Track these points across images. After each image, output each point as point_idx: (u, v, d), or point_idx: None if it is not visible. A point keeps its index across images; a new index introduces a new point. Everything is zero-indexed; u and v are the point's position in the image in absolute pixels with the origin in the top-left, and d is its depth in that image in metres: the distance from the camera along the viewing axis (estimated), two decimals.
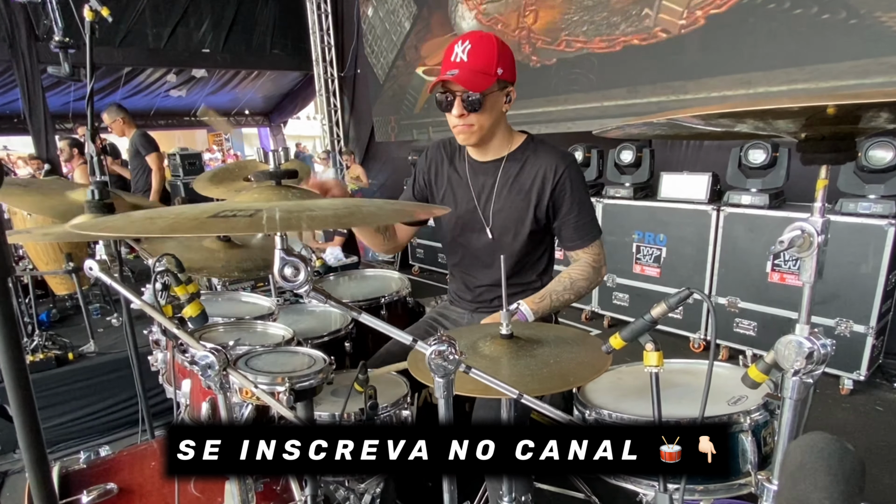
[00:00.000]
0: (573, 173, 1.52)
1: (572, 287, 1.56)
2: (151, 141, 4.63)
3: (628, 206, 3.75)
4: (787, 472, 0.67)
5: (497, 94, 1.47)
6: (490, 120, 1.48)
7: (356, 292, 2.13)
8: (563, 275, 1.58)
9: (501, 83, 1.46)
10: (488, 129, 1.51)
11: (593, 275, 1.58)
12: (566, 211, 1.55)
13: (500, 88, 1.47)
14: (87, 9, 1.78)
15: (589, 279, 1.57)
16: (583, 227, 1.56)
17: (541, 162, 1.53)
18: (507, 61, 1.45)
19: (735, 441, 1.04)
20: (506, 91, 1.49)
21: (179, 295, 1.15)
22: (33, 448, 0.61)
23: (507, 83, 1.48)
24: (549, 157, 1.53)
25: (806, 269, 0.80)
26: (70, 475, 1.31)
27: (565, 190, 1.52)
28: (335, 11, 7.96)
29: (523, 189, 1.55)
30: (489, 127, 1.50)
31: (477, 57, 1.41)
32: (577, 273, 1.57)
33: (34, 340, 2.62)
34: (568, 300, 1.56)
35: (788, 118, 0.72)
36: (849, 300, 2.79)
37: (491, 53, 1.42)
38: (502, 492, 1.21)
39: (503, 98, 1.49)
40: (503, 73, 1.43)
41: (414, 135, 6.90)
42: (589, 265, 1.57)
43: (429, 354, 0.82)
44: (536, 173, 1.53)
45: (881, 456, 2.35)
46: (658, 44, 4.08)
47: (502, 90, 1.48)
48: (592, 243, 1.58)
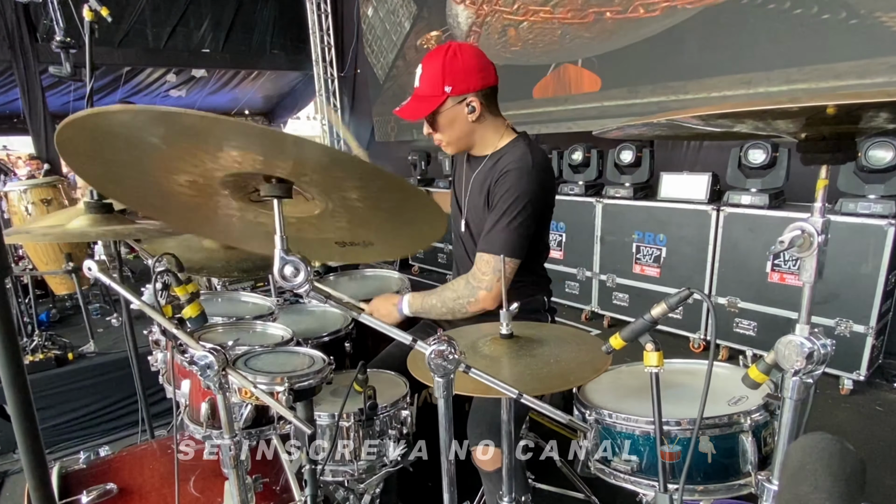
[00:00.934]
0: (517, 177, 1.43)
1: (440, 299, 1.52)
2: None
3: (628, 206, 3.75)
4: (787, 472, 0.67)
5: (452, 109, 1.47)
6: (456, 133, 1.51)
7: (356, 292, 2.13)
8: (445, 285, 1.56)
9: (455, 98, 1.46)
10: (460, 140, 1.54)
11: (463, 290, 1.47)
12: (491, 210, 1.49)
13: (457, 102, 1.47)
14: (87, 9, 1.78)
15: (459, 295, 1.48)
16: (490, 233, 1.46)
17: (504, 158, 1.51)
18: (455, 74, 1.44)
19: (735, 441, 1.04)
20: (465, 102, 1.47)
21: (179, 295, 1.15)
22: (32, 449, 0.61)
23: (461, 96, 1.46)
24: (507, 157, 1.50)
25: (806, 269, 0.80)
26: (70, 475, 1.31)
27: (497, 190, 1.47)
28: (335, 11, 7.95)
29: (484, 186, 1.54)
30: (459, 138, 1.53)
31: (424, 81, 1.47)
32: (451, 287, 1.52)
33: (34, 340, 2.62)
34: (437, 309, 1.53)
35: (788, 118, 0.71)
36: (849, 300, 2.79)
37: (436, 74, 1.44)
38: (502, 492, 1.21)
39: (463, 109, 1.48)
40: (453, 88, 1.44)
41: (414, 135, 6.90)
42: (467, 280, 1.49)
43: (428, 354, 0.82)
44: (497, 169, 1.51)
45: (881, 456, 2.35)
46: (657, 41, 4.08)
47: (459, 103, 1.47)
48: (484, 254, 1.45)
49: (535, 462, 1.97)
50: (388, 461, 1.34)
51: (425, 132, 1.54)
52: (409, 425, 1.37)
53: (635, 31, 4.18)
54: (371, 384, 1.28)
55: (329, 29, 8.02)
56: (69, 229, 1.29)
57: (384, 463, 1.34)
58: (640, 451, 1.08)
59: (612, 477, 1.11)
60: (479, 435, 1.38)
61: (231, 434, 1.05)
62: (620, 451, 1.10)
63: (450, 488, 0.93)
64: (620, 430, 1.10)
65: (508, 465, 1.18)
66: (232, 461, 1.06)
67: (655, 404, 0.90)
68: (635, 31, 4.18)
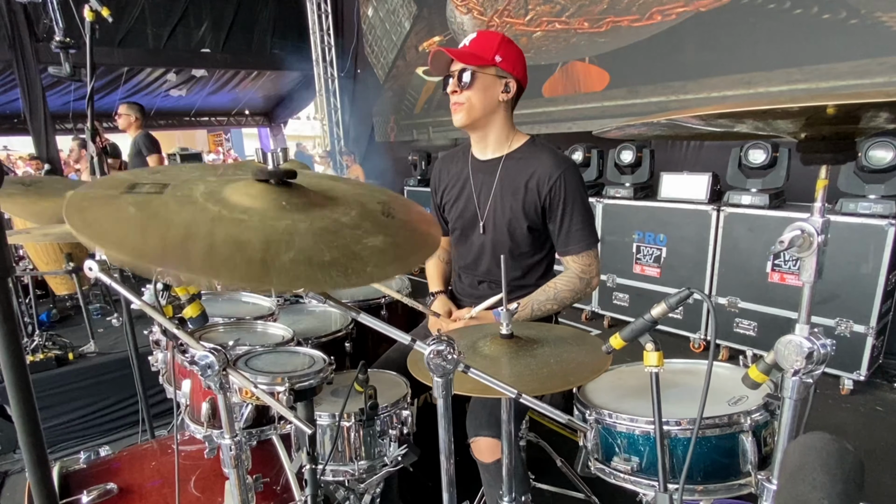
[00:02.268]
0: (569, 179, 1.51)
1: (555, 297, 1.55)
2: (155, 142, 4.64)
3: (628, 206, 3.75)
4: (786, 472, 0.67)
5: (491, 77, 1.50)
6: (481, 101, 1.50)
7: (356, 292, 2.13)
8: (549, 284, 1.57)
9: (499, 70, 1.49)
10: (481, 112, 1.52)
11: (580, 286, 1.56)
12: (559, 216, 1.54)
13: (499, 75, 1.50)
14: (87, 9, 1.78)
15: (574, 290, 1.55)
16: (575, 234, 1.54)
17: (538, 165, 1.53)
18: (509, 53, 1.49)
19: (735, 441, 1.04)
20: (503, 80, 1.51)
21: (180, 295, 1.15)
22: (33, 448, 0.61)
23: (506, 73, 1.50)
24: (546, 161, 1.53)
25: (806, 269, 0.80)
26: (70, 475, 1.31)
27: (559, 195, 1.51)
28: (335, 11, 7.96)
29: (518, 190, 1.55)
30: (481, 109, 1.52)
31: (478, 43, 1.49)
32: (562, 283, 1.56)
33: (34, 340, 2.62)
34: (550, 310, 1.56)
35: (788, 118, 0.71)
36: (849, 300, 2.79)
37: (492, 42, 1.48)
38: (502, 492, 1.21)
39: (499, 85, 1.51)
40: (502, 60, 1.48)
41: (414, 135, 6.90)
42: (576, 275, 1.55)
43: (427, 354, 0.82)
44: (532, 175, 1.54)
45: (881, 456, 2.35)
46: (657, 41, 4.08)
47: (499, 76, 1.50)
48: (583, 252, 1.54)
49: (535, 462, 1.98)
50: (388, 461, 1.34)
51: (449, 89, 1.52)
52: (409, 425, 1.37)
53: (647, 31, 4.18)
54: (371, 384, 1.28)
55: (329, 29, 8.02)
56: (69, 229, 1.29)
57: (384, 463, 1.34)
58: (640, 451, 1.08)
59: (612, 477, 1.12)
60: (477, 427, 1.38)
61: (231, 434, 1.05)
62: (620, 451, 1.10)
63: (450, 488, 0.93)
64: (620, 430, 1.10)
65: (509, 465, 1.18)
66: (232, 461, 1.06)
67: (655, 404, 0.90)
68: (647, 31, 4.18)
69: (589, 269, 1.55)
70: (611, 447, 1.11)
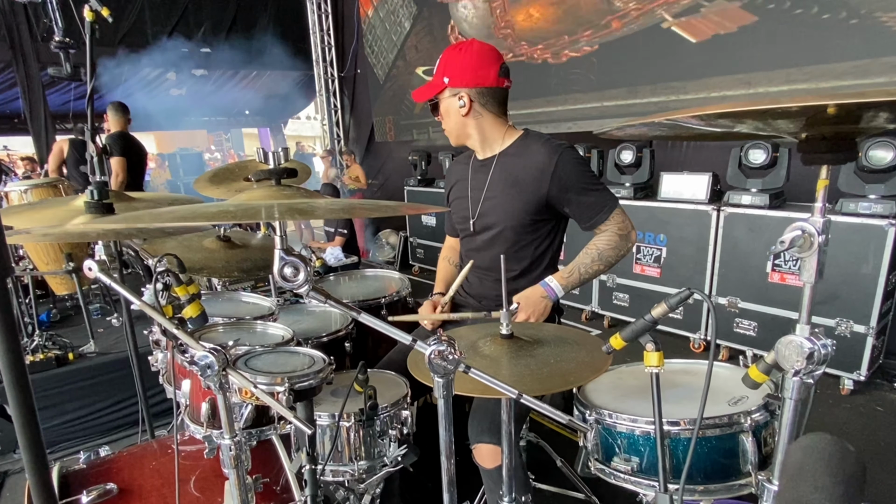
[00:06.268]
0: (568, 161, 1.52)
1: (600, 258, 1.56)
2: (125, 144, 4.42)
3: (628, 206, 3.68)
4: (787, 472, 0.67)
5: (447, 99, 1.57)
6: (450, 123, 1.61)
7: (356, 292, 2.13)
8: (590, 246, 1.58)
9: (451, 90, 1.55)
10: (456, 131, 1.62)
11: (621, 242, 1.56)
12: (571, 199, 1.55)
13: (452, 94, 1.56)
14: (87, 9, 1.78)
15: (617, 247, 1.56)
16: (594, 205, 1.56)
17: (534, 155, 1.55)
18: (454, 69, 1.54)
19: (735, 441, 1.04)
20: (457, 96, 1.55)
21: (180, 295, 1.15)
22: (33, 448, 0.61)
23: (457, 89, 1.55)
24: (541, 150, 1.55)
25: (806, 270, 0.80)
26: (70, 475, 1.31)
27: (565, 179, 1.52)
28: (335, 11, 7.96)
29: (517, 182, 1.57)
30: (455, 128, 1.61)
31: (437, 68, 1.57)
32: (603, 243, 1.56)
33: (34, 341, 2.62)
34: (598, 271, 1.58)
35: (788, 118, 0.71)
36: (849, 300, 2.78)
37: (442, 64, 1.56)
38: (502, 492, 1.21)
39: (456, 102, 1.56)
40: (450, 80, 1.54)
41: (414, 135, 6.90)
42: (614, 234, 1.56)
43: (428, 354, 0.82)
44: (530, 166, 1.55)
45: (881, 456, 2.35)
46: (658, 42, 4.08)
47: (453, 96, 1.55)
48: (611, 214, 1.56)
49: (535, 462, 1.98)
50: (388, 461, 1.34)
51: (436, 118, 1.64)
52: (409, 425, 1.37)
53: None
54: (371, 384, 1.28)
55: (329, 29, 8.02)
56: (69, 229, 1.29)
57: (384, 463, 1.34)
58: (640, 452, 1.08)
59: (612, 477, 1.11)
60: (479, 433, 1.38)
61: (231, 434, 1.05)
62: (620, 452, 1.10)
63: (450, 488, 0.93)
64: (621, 431, 1.10)
65: (509, 465, 1.18)
66: (232, 461, 1.06)
67: (655, 404, 0.90)
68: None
69: (624, 224, 1.57)
70: (611, 447, 1.11)
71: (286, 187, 1.20)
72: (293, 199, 0.93)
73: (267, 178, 1.19)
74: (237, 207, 0.86)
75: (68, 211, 1.36)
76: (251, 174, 1.27)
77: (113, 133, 4.50)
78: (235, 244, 1.86)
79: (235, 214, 0.81)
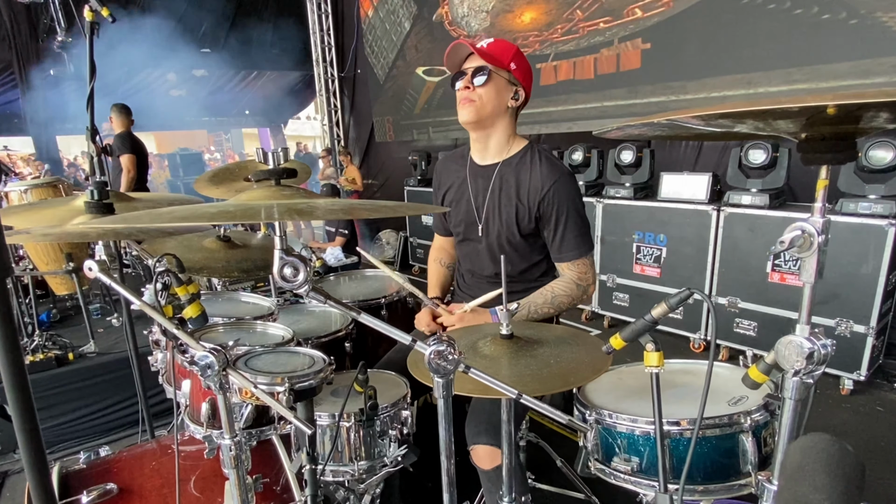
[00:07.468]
0: (563, 188, 1.52)
1: (553, 302, 1.56)
2: (130, 143, 4.63)
3: (628, 206, 3.75)
4: (787, 473, 0.67)
5: (505, 81, 1.53)
6: (492, 101, 1.52)
7: (356, 292, 2.13)
8: (546, 288, 1.58)
9: (512, 77, 1.54)
10: (490, 112, 1.53)
11: (576, 292, 1.57)
12: (553, 225, 1.55)
13: (510, 80, 1.54)
14: (87, 9, 1.78)
15: (571, 296, 1.56)
16: (569, 242, 1.55)
17: (533, 172, 1.55)
18: (521, 64, 1.55)
19: (735, 441, 1.04)
20: (514, 87, 1.55)
21: (180, 295, 1.15)
22: (32, 448, 0.61)
23: (517, 81, 1.55)
24: (541, 169, 1.54)
25: (806, 270, 0.80)
26: (70, 475, 1.31)
27: (552, 204, 1.52)
28: (335, 11, 7.95)
29: (512, 196, 1.57)
30: (491, 109, 1.53)
31: (494, 47, 1.53)
32: (560, 289, 1.56)
33: (34, 340, 2.62)
34: (546, 313, 1.57)
35: (788, 118, 0.71)
36: (849, 300, 2.78)
37: (508, 50, 1.53)
38: (501, 492, 1.21)
39: (510, 91, 1.54)
40: (515, 69, 1.53)
41: (414, 135, 6.89)
42: (573, 282, 1.57)
43: (428, 354, 0.82)
44: (525, 182, 1.55)
45: (881, 456, 2.35)
46: (658, 42, 4.08)
47: (511, 83, 1.54)
48: (578, 260, 1.56)
49: (535, 462, 1.98)
50: (388, 461, 1.34)
51: (461, 84, 1.53)
52: (409, 426, 1.37)
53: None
54: (371, 384, 1.28)
55: (329, 29, 8.02)
56: (69, 229, 1.29)
57: (384, 463, 1.34)
58: (640, 452, 1.08)
59: (612, 477, 1.11)
60: (476, 434, 1.38)
61: (231, 434, 1.05)
62: (620, 452, 1.10)
63: (450, 488, 0.93)
64: (620, 431, 1.10)
65: (508, 465, 1.18)
66: (232, 461, 1.06)
67: (655, 404, 0.90)
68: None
69: (585, 276, 1.57)
70: (611, 447, 1.11)
71: (286, 187, 1.20)
72: (293, 200, 0.93)
73: (267, 178, 1.19)
74: (237, 207, 0.86)
75: (68, 211, 1.36)
76: (251, 174, 1.27)
77: (120, 133, 4.59)
78: (235, 244, 1.86)
79: (235, 214, 0.81)
